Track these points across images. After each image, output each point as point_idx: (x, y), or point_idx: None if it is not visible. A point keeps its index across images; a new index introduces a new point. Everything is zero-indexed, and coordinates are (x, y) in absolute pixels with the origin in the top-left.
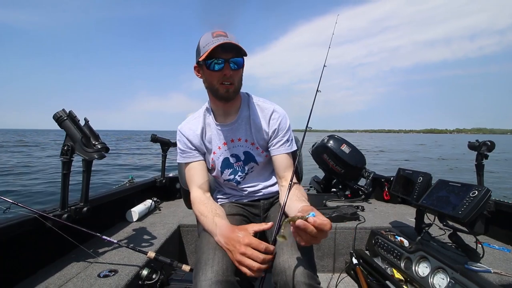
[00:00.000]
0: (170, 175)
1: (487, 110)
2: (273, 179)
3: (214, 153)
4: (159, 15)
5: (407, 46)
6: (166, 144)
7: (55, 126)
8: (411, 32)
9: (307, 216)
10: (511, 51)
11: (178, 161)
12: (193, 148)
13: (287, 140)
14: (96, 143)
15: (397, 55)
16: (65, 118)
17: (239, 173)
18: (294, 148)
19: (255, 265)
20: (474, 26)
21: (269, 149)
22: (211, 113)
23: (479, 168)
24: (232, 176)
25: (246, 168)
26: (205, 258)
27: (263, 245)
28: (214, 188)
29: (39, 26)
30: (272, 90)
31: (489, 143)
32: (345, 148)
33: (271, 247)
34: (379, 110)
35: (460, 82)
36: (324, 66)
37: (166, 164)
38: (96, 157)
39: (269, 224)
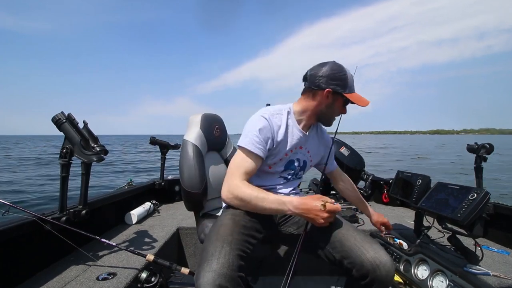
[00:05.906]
0: (169, 177)
1: (495, 110)
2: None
3: (286, 154)
4: (162, 19)
5: (414, 46)
6: (164, 146)
7: (47, 132)
8: (417, 32)
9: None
10: None
11: (242, 144)
12: (266, 144)
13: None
14: (95, 145)
15: (403, 55)
16: (63, 120)
17: (294, 175)
18: None
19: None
20: (481, 26)
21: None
22: (295, 119)
23: (478, 170)
24: (289, 176)
25: (298, 174)
26: (212, 249)
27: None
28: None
29: (44, 31)
30: (277, 93)
31: (487, 146)
32: (344, 150)
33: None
34: (385, 111)
35: (467, 82)
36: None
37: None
38: (95, 159)
39: (338, 205)
